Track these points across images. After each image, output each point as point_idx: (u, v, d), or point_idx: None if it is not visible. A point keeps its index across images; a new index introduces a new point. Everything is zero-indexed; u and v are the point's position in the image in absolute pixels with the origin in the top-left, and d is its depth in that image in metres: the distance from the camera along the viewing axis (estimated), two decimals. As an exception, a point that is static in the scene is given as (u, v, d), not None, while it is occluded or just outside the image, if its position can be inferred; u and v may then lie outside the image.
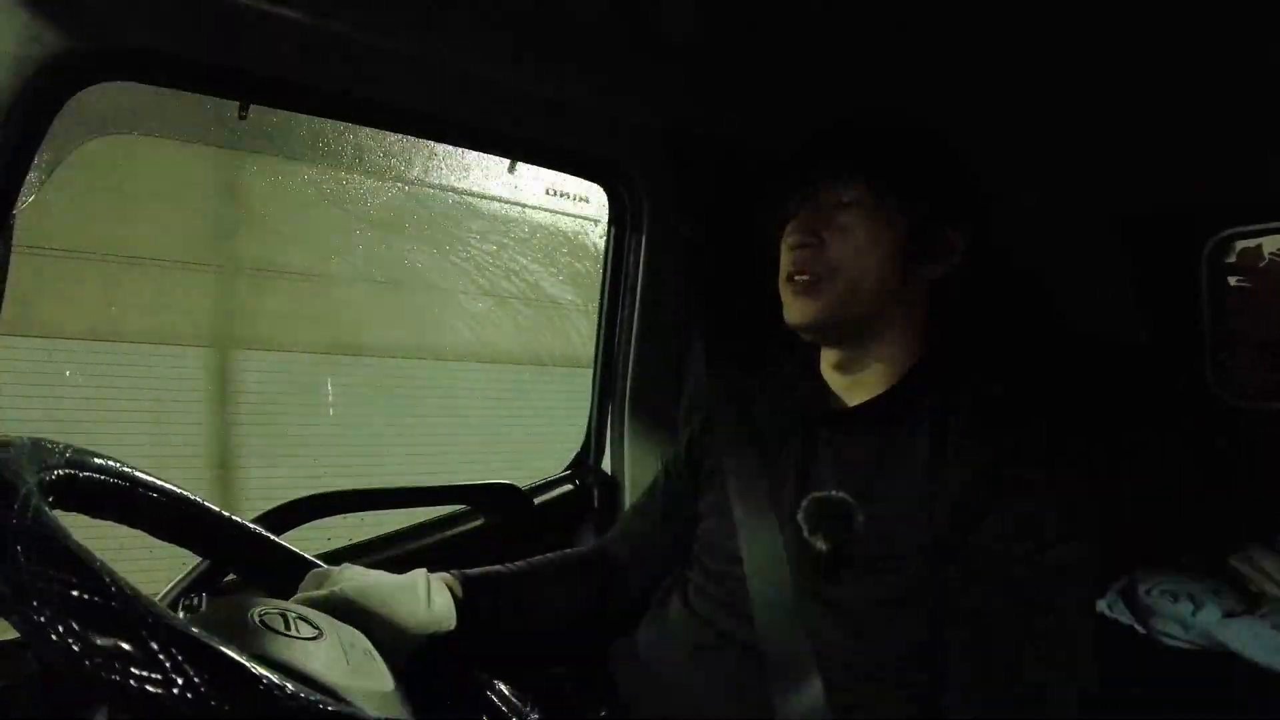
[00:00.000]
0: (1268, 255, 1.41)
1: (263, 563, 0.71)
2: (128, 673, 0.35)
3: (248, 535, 0.70)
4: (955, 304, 0.80)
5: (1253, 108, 0.92)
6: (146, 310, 3.94)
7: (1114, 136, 1.04)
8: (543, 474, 1.27)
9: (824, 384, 0.83)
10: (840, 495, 0.73)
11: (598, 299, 1.25)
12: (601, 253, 1.24)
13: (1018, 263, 1.13)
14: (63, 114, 0.75)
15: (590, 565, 0.92)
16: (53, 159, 0.76)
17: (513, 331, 4.82)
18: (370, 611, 0.65)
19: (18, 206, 0.73)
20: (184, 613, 0.68)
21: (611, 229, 1.24)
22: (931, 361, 0.78)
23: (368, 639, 0.61)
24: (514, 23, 0.84)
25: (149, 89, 0.81)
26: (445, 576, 0.77)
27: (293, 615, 0.56)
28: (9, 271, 0.74)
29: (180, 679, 0.36)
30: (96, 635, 0.36)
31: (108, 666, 0.36)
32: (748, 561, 0.77)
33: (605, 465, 1.27)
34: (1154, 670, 1.02)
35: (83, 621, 0.36)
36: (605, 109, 1.09)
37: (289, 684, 0.39)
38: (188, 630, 0.38)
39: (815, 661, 0.69)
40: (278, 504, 0.96)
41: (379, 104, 0.95)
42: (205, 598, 0.70)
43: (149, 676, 0.36)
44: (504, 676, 0.70)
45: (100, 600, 0.37)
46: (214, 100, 0.88)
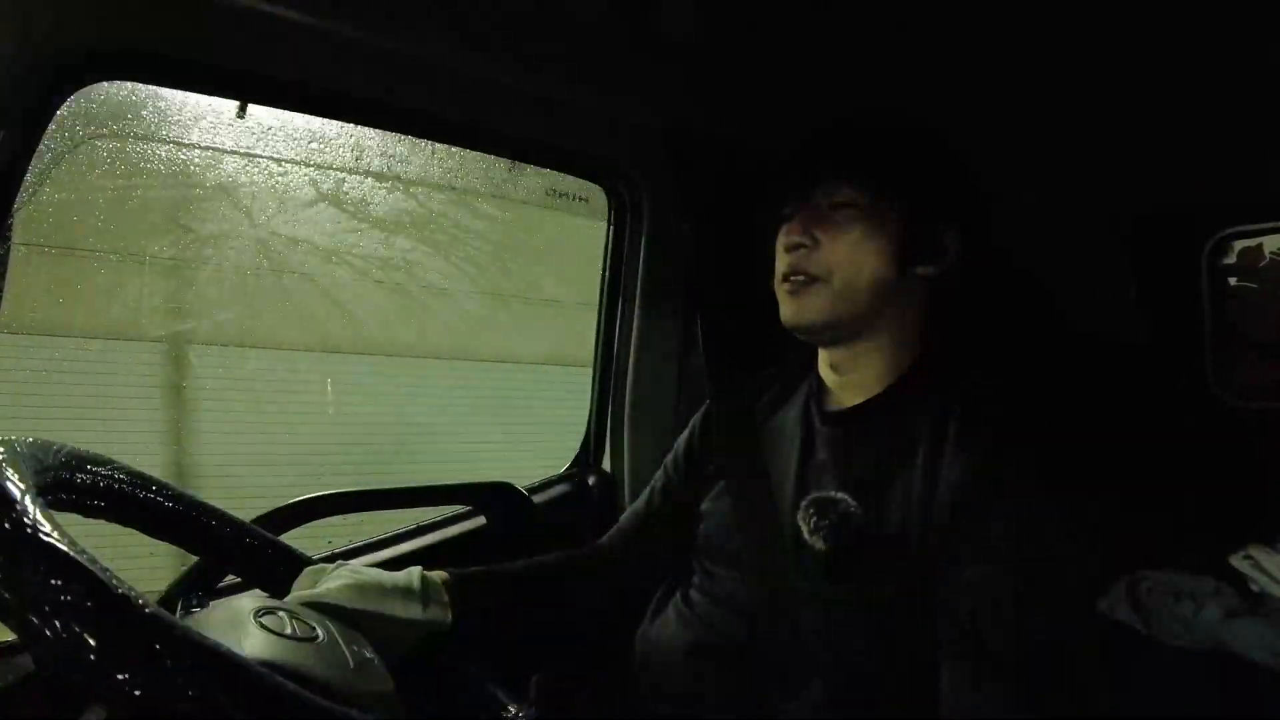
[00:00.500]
0: (1268, 255, 1.40)
1: (262, 563, 0.71)
2: (126, 674, 0.35)
3: (247, 535, 0.70)
4: (953, 303, 0.80)
5: (1253, 108, 0.92)
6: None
7: (1114, 136, 1.04)
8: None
9: (822, 384, 0.83)
10: (839, 496, 0.72)
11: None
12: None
13: (1018, 263, 1.13)
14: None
15: (590, 565, 0.92)
16: (52, 158, 0.76)
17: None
18: (366, 610, 0.65)
19: (16, 206, 0.73)
20: (183, 613, 0.68)
21: (611, 229, 1.24)
22: (930, 361, 0.78)
23: (364, 638, 0.61)
24: (513, 22, 0.84)
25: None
26: (442, 575, 0.77)
27: (291, 615, 0.56)
28: (8, 270, 0.74)
29: (179, 680, 0.36)
30: (94, 636, 0.36)
31: (106, 667, 0.36)
32: (747, 562, 0.77)
33: (605, 465, 1.27)
34: (1154, 670, 1.02)
35: (81, 623, 0.36)
36: (605, 109, 1.09)
37: (287, 684, 0.39)
38: (187, 631, 0.38)
39: (815, 661, 0.69)
40: (278, 504, 0.96)
41: (379, 104, 0.95)
42: (205, 598, 0.70)
43: (148, 677, 0.36)
44: (502, 676, 0.69)
45: (98, 601, 0.37)
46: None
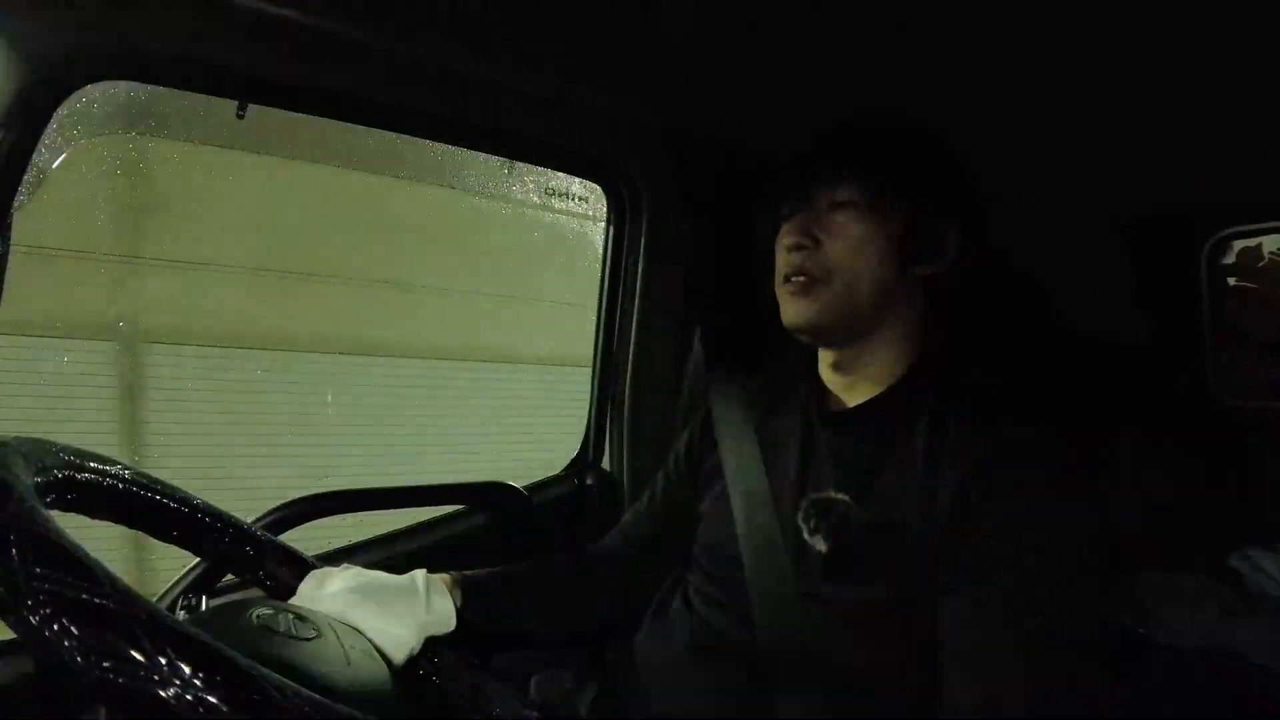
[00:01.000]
0: (1268, 255, 1.40)
1: (262, 563, 0.71)
2: (126, 674, 0.35)
3: (247, 535, 0.70)
4: (953, 303, 0.80)
5: (1253, 108, 0.92)
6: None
7: (1113, 136, 1.04)
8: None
9: (822, 384, 0.83)
10: (839, 496, 0.72)
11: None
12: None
13: (1018, 263, 1.13)
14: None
15: (590, 566, 0.92)
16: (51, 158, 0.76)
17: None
18: (369, 612, 0.65)
19: (16, 206, 0.73)
20: (183, 613, 0.68)
21: (611, 229, 1.24)
22: (929, 361, 0.78)
23: (367, 640, 0.61)
24: (513, 22, 0.84)
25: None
26: (445, 577, 0.77)
27: (292, 616, 0.56)
28: (7, 269, 0.74)
29: (179, 680, 0.36)
30: (94, 636, 0.36)
31: (106, 668, 0.35)
32: (747, 563, 0.77)
33: (605, 465, 1.27)
34: (1154, 670, 1.02)
35: (80, 623, 0.36)
36: (605, 109, 1.09)
37: (288, 685, 0.39)
38: (186, 631, 0.38)
39: (815, 662, 0.69)
40: (278, 504, 0.96)
41: (379, 104, 0.95)
42: (204, 598, 0.70)
43: (147, 678, 0.36)
44: (503, 677, 0.70)
45: (98, 601, 0.37)
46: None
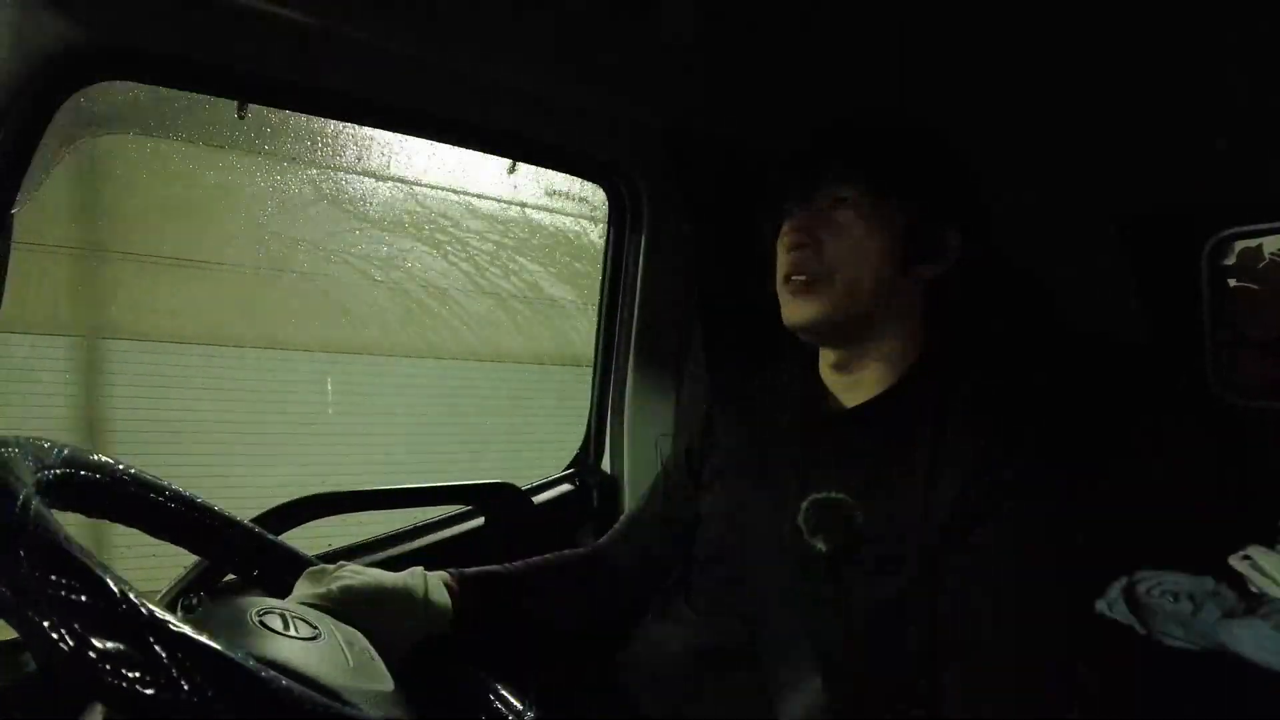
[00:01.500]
0: (1268, 255, 1.40)
1: (262, 563, 0.71)
2: (126, 673, 0.35)
3: (247, 535, 0.70)
4: (953, 303, 0.80)
5: (1253, 108, 0.92)
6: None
7: (1114, 136, 1.04)
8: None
9: (823, 385, 0.82)
10: (840, 497, 0.72)
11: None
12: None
13: (1018, 263, 1.13)
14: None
15: (589, 566, 0.92)
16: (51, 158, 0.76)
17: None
18: (367, 610, 0.65)
19: (16, 206, 0.73)
20: (183, 613, 0.67)
21: (611, 229, 1.24)
22: (930, 361, 0.78)
23: (365, 638, 0.61)
24: (514, 23, 0.84)
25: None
26: (443, 575, 0.77)
27: (291, 615, 0.56)
28: (8, 268, 0.74)
29: (179, 680, 0.36)
30: (95, 636, 0.36)
31: (106, 667, 0.36)
32: (748, 563, 0.77)
33: (605, 465, 1.27)
34: (1154, 670, 1.02)
35: (81, 622, 0.36)
36: (605, 109, 1.09)
37: (288, 684, 0.39)
38: (186, 631, 0.38)
39: (816, 663, 0.69)
40: (278, 504, 0.96)
41: (379, 104, 0.95)
42: (204, 598, 0.70)
43: (147, 677, 0.36)
44: (502, 676, 0.70)
45: (98, 601, 0.37)
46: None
